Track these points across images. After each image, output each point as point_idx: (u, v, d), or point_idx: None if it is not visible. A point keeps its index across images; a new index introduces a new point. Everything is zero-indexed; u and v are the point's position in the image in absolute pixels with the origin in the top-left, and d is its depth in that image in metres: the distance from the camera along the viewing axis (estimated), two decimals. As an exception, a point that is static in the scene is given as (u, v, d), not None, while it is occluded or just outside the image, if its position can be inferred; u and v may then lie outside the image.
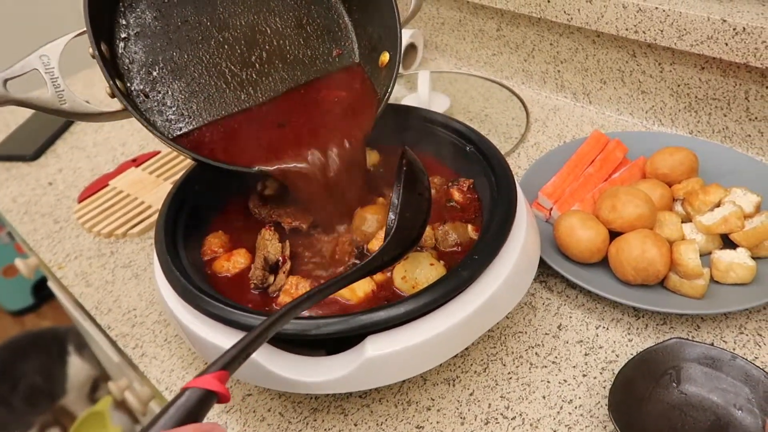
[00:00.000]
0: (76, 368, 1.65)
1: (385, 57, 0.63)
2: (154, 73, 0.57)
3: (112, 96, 0.52)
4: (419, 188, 0.52)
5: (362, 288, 0.52)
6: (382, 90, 0.61)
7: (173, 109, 0.57)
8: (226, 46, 0.60)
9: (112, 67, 0.54)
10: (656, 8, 0.75)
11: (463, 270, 0.47)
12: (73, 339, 1.65)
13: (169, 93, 0.57)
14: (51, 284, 1.18)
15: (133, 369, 0.65)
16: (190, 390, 0.33)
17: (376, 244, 0.56)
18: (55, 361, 1.64)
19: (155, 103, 0.57)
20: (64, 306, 1.17)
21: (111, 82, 0.51)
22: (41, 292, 2.07)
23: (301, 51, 0.63)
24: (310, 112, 0.61)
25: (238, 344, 0.37)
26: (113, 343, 0.65)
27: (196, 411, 0.32)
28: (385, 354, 0.44)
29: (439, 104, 0.94)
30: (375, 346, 0.44)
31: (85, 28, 0.51)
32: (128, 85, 0.56)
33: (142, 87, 0.56)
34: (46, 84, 0.52)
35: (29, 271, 1.02)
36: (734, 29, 0.70)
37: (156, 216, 0.79)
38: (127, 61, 0.56)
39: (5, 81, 0.51)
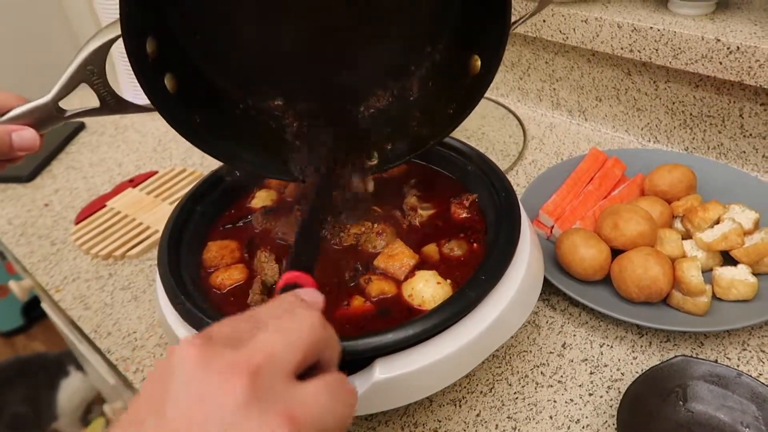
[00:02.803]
0: (68, 392, 1.62)
1: (477, 63, 0.52)
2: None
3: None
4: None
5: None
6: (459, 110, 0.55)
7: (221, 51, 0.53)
8: None
9: (157, 62, 0.48)
10: (651, 28, 0.76)
11: (470, 290, 0.46)
12: (64, 363, 1.63)
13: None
14: (45, 306, 1.16)
15: (132, 392, 0.64)
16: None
17: (381, 261, 0.55)
18: (42, 388, 1.61)
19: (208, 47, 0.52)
20: (58, 328, 1.15)
21: (150, 95, 0.47)
22: (32, 312, 2.04)
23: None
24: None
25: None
26: (113, 367, 0.64)
27: None
28: (395, 376, 0.44)
29: (436, 122, 0.94)
30: (384, 369, 0.44)
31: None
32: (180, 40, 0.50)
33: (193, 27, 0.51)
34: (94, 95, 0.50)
35: (23, 293, 1.01)
36: (728, 48, 0.71)
37: (154, 237, 0.79)
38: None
39: (56, 102, 0.49)
